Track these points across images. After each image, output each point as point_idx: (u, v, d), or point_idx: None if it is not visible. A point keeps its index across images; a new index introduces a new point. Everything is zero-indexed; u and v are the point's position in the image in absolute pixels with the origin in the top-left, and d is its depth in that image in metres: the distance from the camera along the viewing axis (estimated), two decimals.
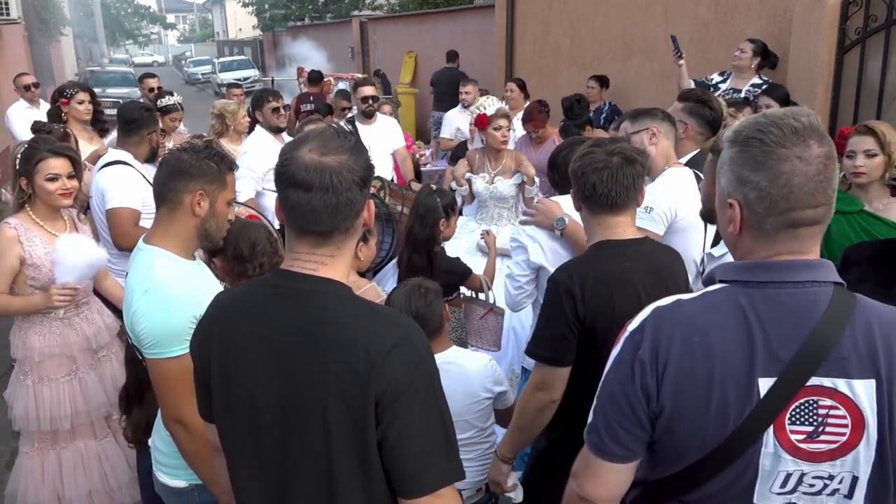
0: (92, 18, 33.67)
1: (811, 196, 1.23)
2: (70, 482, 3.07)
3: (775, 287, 1.26)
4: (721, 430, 1.24)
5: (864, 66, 4.79)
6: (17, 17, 11.97)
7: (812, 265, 1.27)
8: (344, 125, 5.48)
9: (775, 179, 1.23)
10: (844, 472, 1.25)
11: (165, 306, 1.90)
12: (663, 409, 1.27)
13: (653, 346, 1.28)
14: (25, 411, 3.00)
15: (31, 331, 2.99)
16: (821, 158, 1.23)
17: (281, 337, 1.38)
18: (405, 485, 1.34)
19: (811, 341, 1.22)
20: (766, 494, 1.27)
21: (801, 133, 1.24)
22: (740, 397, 1.23)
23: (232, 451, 1.49)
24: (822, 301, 1.24)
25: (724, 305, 1.28)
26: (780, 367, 1.22)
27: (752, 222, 1.28)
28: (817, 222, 1.27)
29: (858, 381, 1.22)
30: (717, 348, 1.25)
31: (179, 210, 2.02)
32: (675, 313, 1.31)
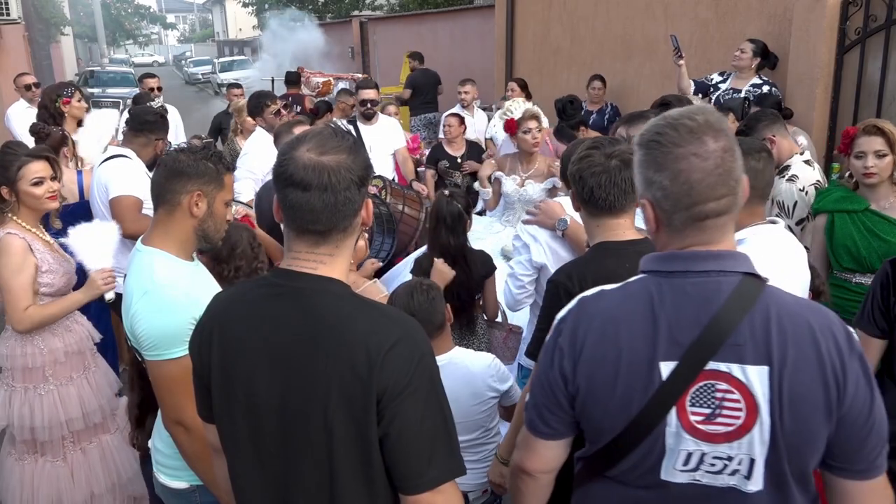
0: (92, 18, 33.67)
1: (712, 189, 1.30)
2: (98, 478, 3.05)
3: (682, 276, 1.34)
4: (628, 411, 1.33)
5: (864, 66, 4.79)
6: (17, 17, 11.97)
7: (719, 255, 1.34)
8: (345, 125, 5.50)
9: (676, 178, 1.31)
10: (742, 454, 1.32)
11: (165, 308, 1.90)
12: (578, 391, 1.39)
13: (572, 333, 1.40)
14: (51, 419, 2.94)
15: (46, 333, 2.94)
16: (717, 153, 1.30)
17: (281, 336, 1.38)
18: (407, 482, 1.34)
19: (710, 327, 1.29)
20: (671, 471, 1.36)
21: (695, 131, 1.31)
22: (643, 380, 1.32)
23: (232, 452, 1.49)
24: (724, 290, 1.31)
25: (636, 294, 1.37)
26: (680, 352, 1.30)
27: (664, 219, 1.36)
28: (723, 213, 1.33)
29: (752, 367, 1.28)
30: (623, 335, 1.35)
31: (177, 211, 2.01)
32: (595, 303, 1.42)
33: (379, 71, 14.70)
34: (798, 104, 5.02)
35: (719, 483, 1.35)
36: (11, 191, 2.89)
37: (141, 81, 7.01)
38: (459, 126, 6.06)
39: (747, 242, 2.22)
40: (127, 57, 44.21)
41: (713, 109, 1.37)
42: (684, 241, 1.35)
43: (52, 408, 2.95)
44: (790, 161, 3.42)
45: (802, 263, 2.33)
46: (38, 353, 2.92)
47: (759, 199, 2.29)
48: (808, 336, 1.29)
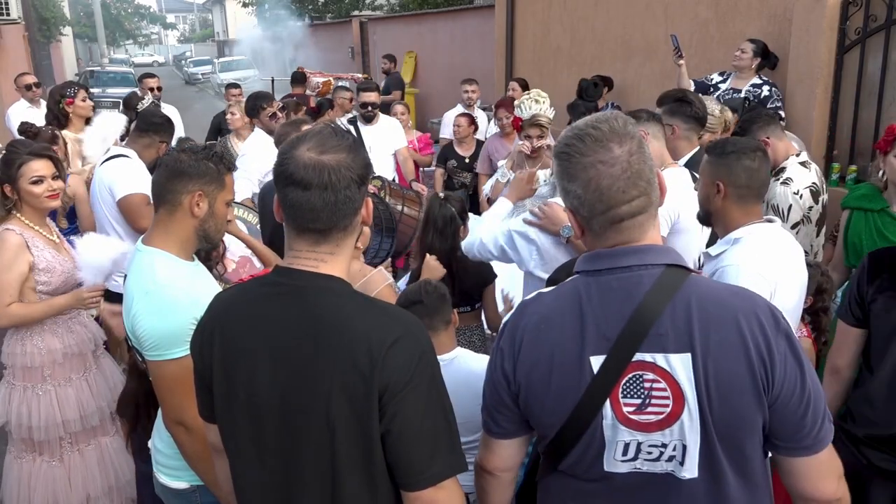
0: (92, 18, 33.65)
1: (623, 193, 1.35)
2: (95, 481, 3.05)
3: (607, 273, 1.38)
4: (564, 407, 1.37)
5: (864, 66, 4.79)
6: (17, 17, 11.97)
7: (639, 250, 1.38)
8: (345, 125, 5.48)
9: (587, 186, 1.36)
10: (674, 440, 1.35)
11: (166, 308, 1.90)
12: (520, 389, 1.43)
13: (511, 335, 1.45)
14: (47, 419, 2.94)
15: (46, 334, 2.95)
16: (624, 157, 1.34)
17: (282, 334, 1.38)
18: (408, 478, 1.35)
19: (633, 319, 1.33)
20: (612, 462, 1.40)
21: (600, 139, 1.35)
22: (575, 376, 1.36)
23: (234, 451, 1.50)
24: (645, 282, 1.35)
25: (567, 295, 1.42)
26: (608, 346, 1.34)
27: (585, 225, 1.42)
28: (638, 213, 1.37)
29: (675, 356, 1.31)
30: (555, 334, 1.39)
31: (178, 211, 2.01)
32: (532, 305, 1.47)
33: (379, 71, 14.69)
34: (798, 104, 5.02)
35: (658, 469, 1.38)
36: (13, 189, 2.90)
37: (140, 81, 7.00)
38: (469, 126, 6.06)
39: (744, 241, 2.23)
40: (127, 57, 44.20)
41: (619, 115, 1.40)
42: (606, 243, 1.40)
43: (49, 408, 2.95)
44: (785, 163, 3.40)
45: (800, 262, 2.34)
46: (38, 352, 2.92)
47: (754, 198, 2.29)
48: (731, 320, 1.31)
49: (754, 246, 2.21)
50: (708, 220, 2.40)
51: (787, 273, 2.26)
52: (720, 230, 2.36)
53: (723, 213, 2.30)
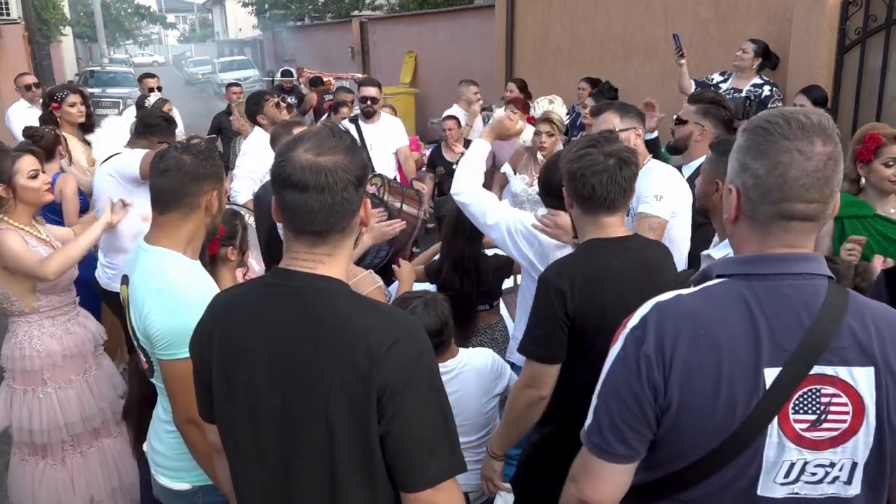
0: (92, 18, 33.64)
1: (806, 190, 1.26)
2: (98, 483, 3.05)
3: (776, 279, 1.28)
4: (730, 422, 1.25)
5: (864, 66, 4.79)
6: (17, 17, 11.97)
7: (809, 258, 1.30)
8: (347, 124, 5.46)
9: (773, 169, 1.27)
10: (845, 458, 1.28)
11: (180, 306, 1.90)
12: (671, 403, 1.27)
13: (657, 340, 1.28)
14: (49, 422, 2.93)
15: (44, 336, 2.94)
16: (822, 157, 1.26)
17: (281, 335, 1.38)
18: (407, 479, 1.35)
19: (814, 331, 1.24)
20: (770, 486, 1.29)
21: (807, 129, 1.26)
22: (748, 388, 1.24)
23: (233, 451, 1.50)
24: (820, 292, 1.27)
25: (726, 298, 1.29)
26: (784, 357, 1.24)
27: (747, 210, 1.32)
28: (810, 218, 1.29)
29: (858, 369, 1.25)
30: (723, 340, 1.26)
31: (195, 212, 2.03)
32: (677, 308, 1.32)
33: (379, 71, 14.69)
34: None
35: (817, 493, 1.30)
36: (8, 187, 2.88)
37: (140, 81, 7.00)
38: (458, 129, 6.04)
39: None
40: (127, 57, 44.16)
41: (829, 117, 1.33)
42: (766, 240, 1.31)
43: (50, 411, 2.94)
44: None
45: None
46: (36, 356, 2.92)
47: None
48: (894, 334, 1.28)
49: None
50: (706, 215, 2.44)
51: None
52: (719, 228, 2.39)
53: (721, 211, 2.31)
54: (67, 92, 5.03)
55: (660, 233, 2.84)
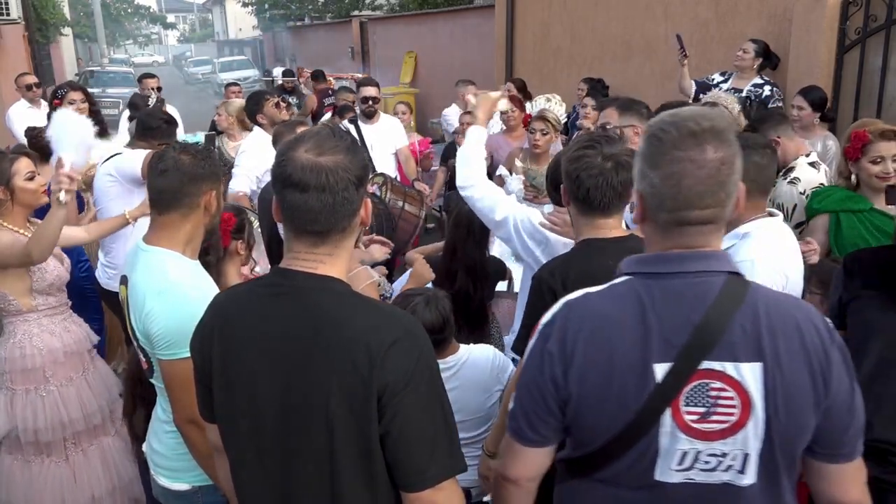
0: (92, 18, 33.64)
1: (700, 198, 1.30)
2: (99, 481, 3.05)
3: (671, 277, 1.34)
4: (625, 412, 1.33)
5: (864, 66, 4.80)
6: (17, 17, 11.97)
7: (705, 255, 1.35)
8: (346, 124, 5.46)
9: (667, 179, 1.31)
10: (736, 449, 1.33)
11: (182, 306, 1.90)
12: (570, 396, 1.37)
13: (560, 337, 1.38)
14: (54, 420, 2.93)
15: (44, 334, 2.94)
16: (715, 163, 1.28)
17: (281, 335, 1.39)
18: (407, 479, 1.35)
19: (702, 327, 1.30)
20: (666, 472, 1.36)
21: (698, 136, 1.29)
22: (637, 382, 1.32)
23: (234, 451, 1.50)
24: (713, 289, 1.32)
25: (625, 296, 1.37)
26: (674, 353, 1.30)
27: (649, 214, 1.37)
28: (707, 222, 1.33)
29: (745, 365, 1.30)
30: (615, 337, 1.34)
31: (195, 212, 2.03)
32: (582, 306, 1.41)
33: (379, 71, 14.70)
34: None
35: (713, 480, 1.36)
36: (6, 189, 2.87)
37: (140, 82, 6.99)
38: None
39: (753, 236, 2.27)
40: (127, 57, 44.18)
41: (726, 116, 1.36)
42: (667, 243, 1.36)
43: (54, 408, 2.94)
44: (795, 163, 3.42)
45: (799, 254, 2.40)
46: (38, 353, 2.92)
47: (760, 193, 2.32)
48: (795, 330, 1.32)
49: (765, 241, 2.25)
50: None
51: (793, 265, 2.30)
52: None
53: None
54: (68, 89, 5.09)
55: None
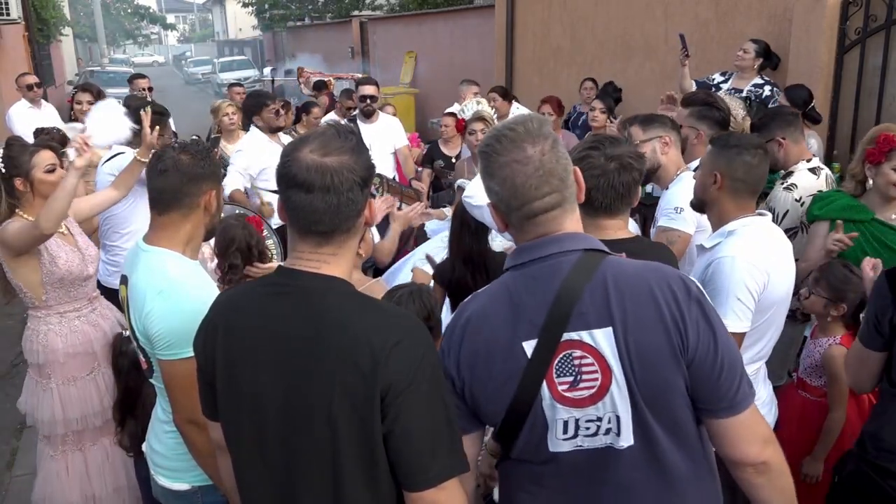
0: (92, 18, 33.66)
1: (535, 189, 1.44)
2: (98, 480, 3.06)
3: (531, 264, 1.47)
4: (506, 393, 1.45)
5: (864, 66, 4.80)
6: (17, 17, 11.96)
7: (556, 239, 1.47)
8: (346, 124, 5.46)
9: (503, 183, 1.46)
10: (608, 412, 1.44)
11: (182, 306, 1.90)
12: (464, 384, 1.49)
13: (450, 335, 1.52)
14: (52, 415, 2.97)
15: (50, 333, 2.96)
16: (537, 156, 1.43)
17: (285, 334, 1.39)
18: (410, 479, 1.36)
19: (556, 303, 1.42)
20: (556, 442, 1.47)
21: (515, 140, 1.44)
22: (510, 361, 1.44)
23: (237, 449, 1.50)
24: (565, 267, 1.44)
25: (497, 290, 1.52)
26: (537, 330, 1.43)
27: (506, 220, 1.52)
28: (550, 208, 1.46)
29: (598, 331, 1.41)
30: (488, 326, 1.47)
31: (195, 212, 2.03)
32: (469, 304, 1.55)
33: (379, 71, 14.70)
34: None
35: (597, 444, 1.46)
36: (26, 181, 2.88)
37: (131, 82, 6.96)
38: (455, 126, 6.06)
39: (737, 234, 2.26)
40: (127, 57, 44.17)
41: (536, 117, 1.50)
42: (526, 237, 1.49)
43: (56, 404, 2.98)
44: (795, 167, 3.37)
45: (789, 254, 2.38)
46: (41, 350, 2.95)
47: (749, 193, 2.32)
48: (647, 293, 1.41)
49: (747, 238, 2.25)
50: (701, 207, 2.44)
51: (777, 264, 2.29)
52: (713, 220, 2.41)
53: (717, 203, 2.35)
54: (77, 89, 5.18)
55: (681, 246, 2.76)
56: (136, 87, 6.70)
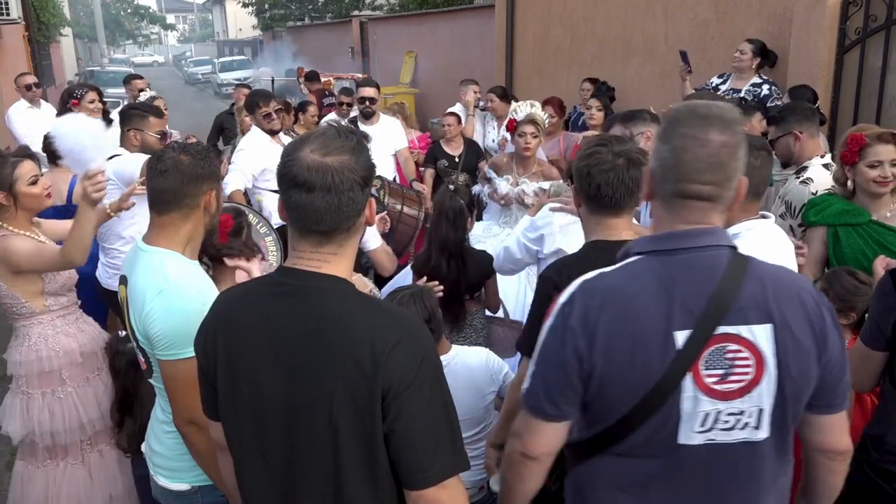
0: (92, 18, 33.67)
1: (699, 173, 1.44)
2: (116, 481, 3.05)
3: (684, 253, 1.47)
4: (648, 380, 1.42)
5: (864, 66, 4.80)
6: (17, 17, 11.96)
7: (709, 231, 1.49)
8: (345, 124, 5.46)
9: (673, 151, 1.46)
10: (752, 406, 1.46)
11: (182, 306, 1.90)
12: (594, 368, 1.45)
13: (582, 314, 1.46)
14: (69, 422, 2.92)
15: (59, 336, 2.91)
16: (717, 144, 1.43)
17: (286, 333, 1.39)
18: (411, 477, 1.36)
19: (717, 295, 1.43)
20: (689, 434, 1.46)
21: (705, 118, 1.45)
22: (660, 350, 1.42)
23: (237, 449, 1.51)
24: (722, 261, 1.46)
25: (642, 273, 1.48)
26: (692, 321, 1.42)
27: (656, 187, 1.52)
28: (705, 198, 1.46)
29: (757, 327, 1.43)
30: (638, 310, 1.44)
31: (195, 212, 2.03)
32: (600, 284, 1.50)
33: (379, 71, 14.70)
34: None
35: (731, 439, 1.47)
36: (9, 195, 2.84)
37: (127, 83, 6.97)
38: (458, 125, 6.07)
39: (742, 237, 2.26)
40: (127, 57, 44.18)
41: (734, 109, 1.51)
42: (672, 218, 1.50)
43: (72, 410, 2.93)
44: (809, 163, 3.36)
45: (791, 256, 2.40)
46: (55, 356, 2.89)
47: (752, 195, 2.32)
48: (796, 296, 1.47)
49: (752, 241, 2.25)
50: None
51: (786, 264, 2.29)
52: None
53: None
54: (87, 89, 5.17)
55: None
56: (133, 88, 6.71)
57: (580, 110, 6.73)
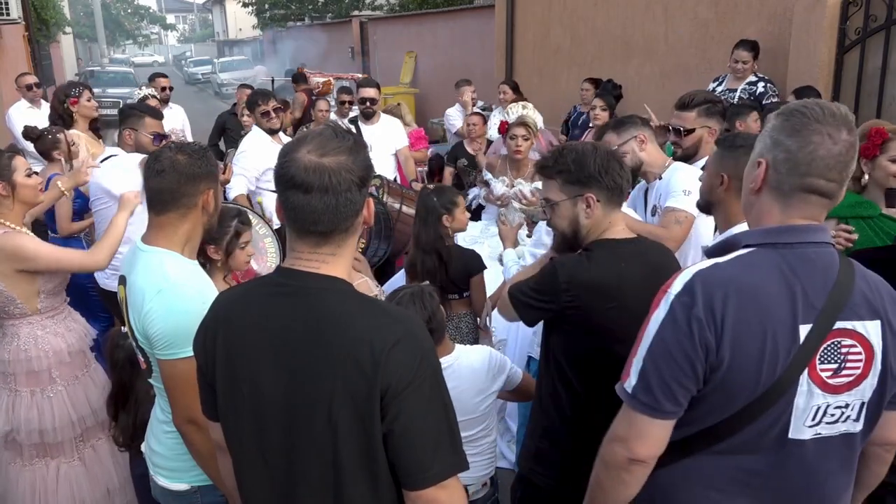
0: (92, 18, 33.68)
1: (829, 170, 1.45)
2: (111, 475, 3.05)
3: (802, 247, 1.47)
4: (772, 374, 1.42)
5: (864, 66, 4.80)
6: (17, 17, 11.95)
7: (823, 229, 1.51)
8: (346, 124, 5.50)
9: (804, 146, 1.45)
10: (856, 399, 1.48)
11: (181, 306, 1.90)
12: (723, 360, 1.41)
13: (707, 304, 1.42)
14: (58, 421, 2.91)
15: (48, 336, 2.90)
16: (846, 144, 1.45)
17: (285, 333, 1.39)
18: (410, 477, 1.36)
19: (835, 291, 1.45)
20: (800, 429, 1.47)
21: (837, 118, 1.46)
22: (788, 343, 1.42)
23: (237, 449, 1.51)
24: (835, 258, 1.48)
25: (762, 265, 1.47)
26: (815, 315, 1.43)
27: (773, 181, 1.50)
28: (828, 195, 1.48)
29: (869, 322, 1.46)
30: (766, 301, 1.42)
31: (193, 212, 2.03)
32: (719, 274, 1.46)
33: (379, 71, 14.70)
34: None
35: (834, 432, 1.50)
36: (7, 185, 2.84)
37: (152, 81, 7.02)
38: (483, 125, 6.07)
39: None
40: (127, 57, 44.20)
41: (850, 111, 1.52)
42: (788, 211, 1.49)
43: (62, 408, 2.93)
44: None
45: None
46: (44, 355, 2.89)
47: None
48: (890, 295, 1.51)
49: None
50: (708, 209, 2.45)
51: None
52: (720, 222, 2.42)
53: (724, 205, 2.35)
54: (82, 88, 5.14)
55: (686, 227, 2.87)
56: (156, 86, 6.80)
57: (580, 110, 6.73)
